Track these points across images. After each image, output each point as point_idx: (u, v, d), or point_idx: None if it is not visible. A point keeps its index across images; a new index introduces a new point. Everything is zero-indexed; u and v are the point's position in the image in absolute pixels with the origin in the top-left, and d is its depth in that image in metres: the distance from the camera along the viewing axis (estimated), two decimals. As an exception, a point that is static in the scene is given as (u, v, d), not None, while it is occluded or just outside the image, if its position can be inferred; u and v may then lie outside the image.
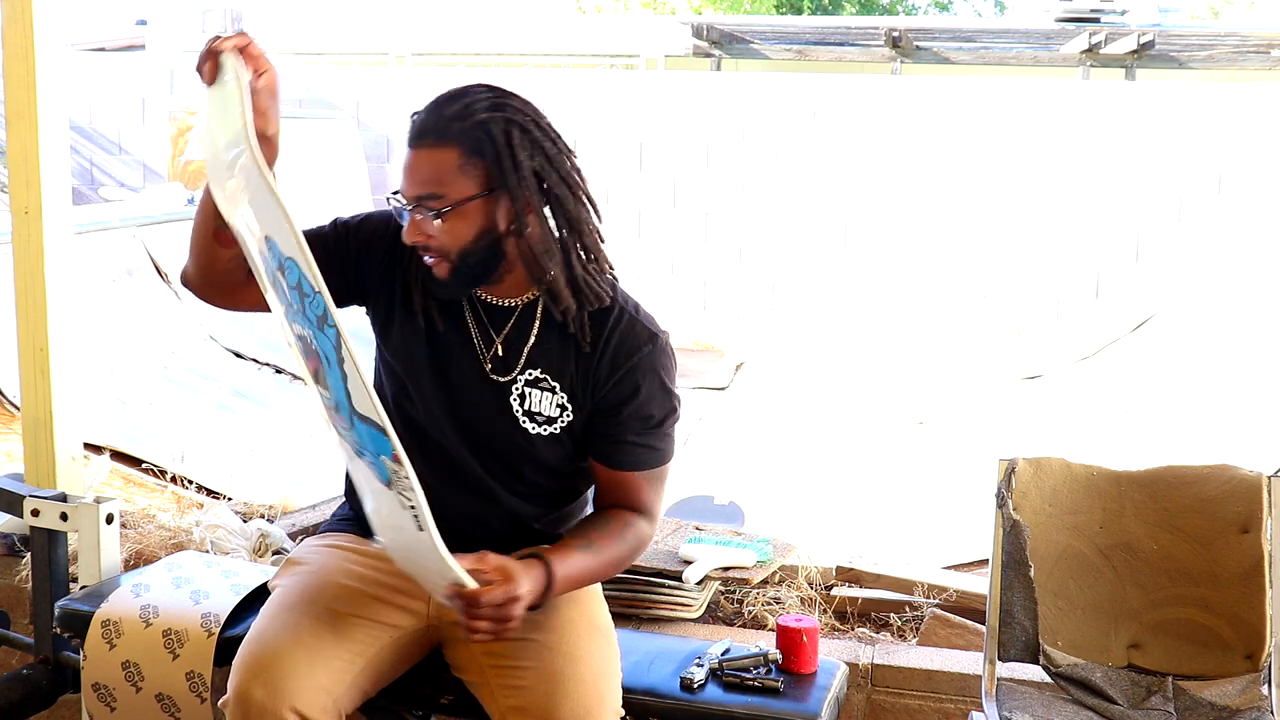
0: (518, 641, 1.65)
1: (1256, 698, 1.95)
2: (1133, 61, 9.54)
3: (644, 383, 1.69)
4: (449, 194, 1.58)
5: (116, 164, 8.37)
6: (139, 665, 1.91)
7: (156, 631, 1.93)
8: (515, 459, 1.73)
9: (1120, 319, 6.77)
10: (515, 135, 1.61)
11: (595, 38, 11.79)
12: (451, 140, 1.59)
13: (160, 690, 1.90)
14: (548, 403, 1.71)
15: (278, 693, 1.57)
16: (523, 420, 1.71)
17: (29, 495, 2.33)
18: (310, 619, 1.66)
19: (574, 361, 1.70)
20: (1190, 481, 2.08)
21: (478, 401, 1.71)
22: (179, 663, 1.90)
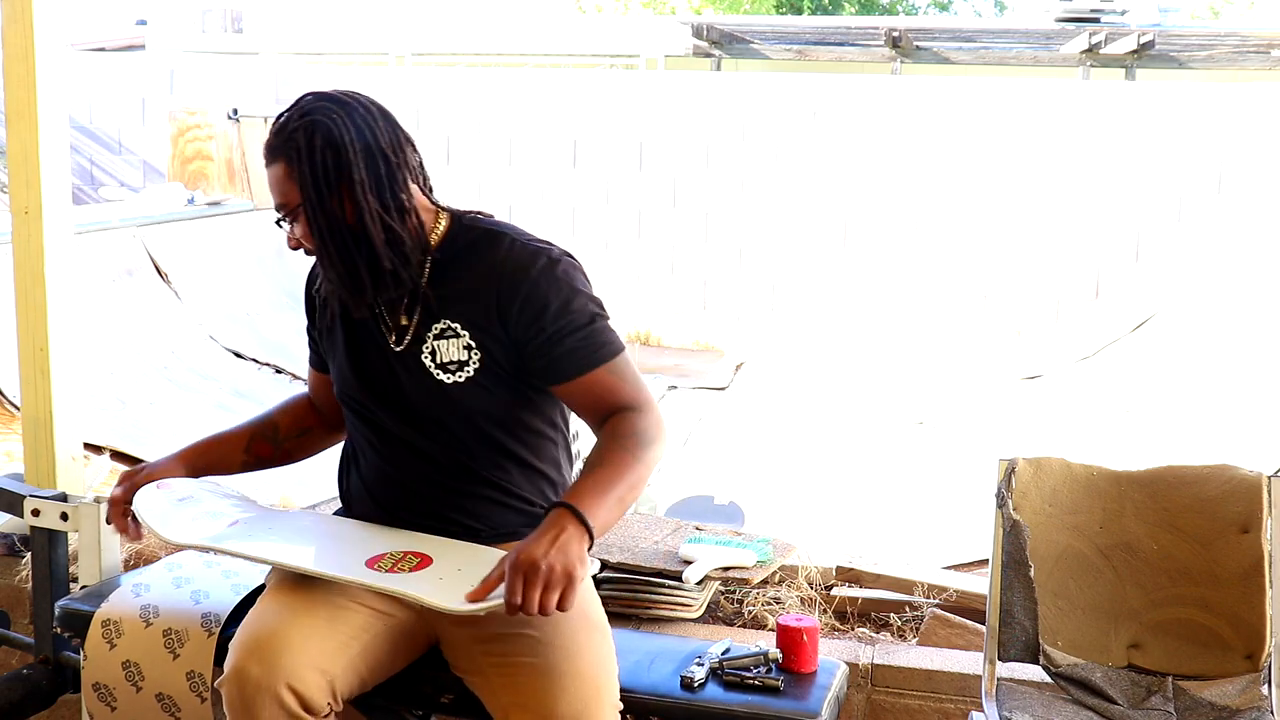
0: (514, 636, 1.67)
1: (1256, 698, 1.95)
2: (1133, 61, 9.54)
3: (550, 293, 1.72)
4: (290, 203, 1.74)
5: (117, 164, 8.37)
6: (139, 665, 1.91)
7: (157, 631, 1.93)
8: (445, 419, 1.77)
9: (1120, 319, 6.77)
10: (317, 137, 1.71)
11: (595, 38, 11.79)
12: (278, 155, 1.74)
13: (160, 690, 1.90)
14: (454, 349, 1.75)
15: (273, 669, 1.59)
16: (438, 375, 1.75)
17: (29, 495, 2.33)
18: (305, 602, 1.69)
19: (471, 299, 1.74)
20: (1190, 481, 2.08)
21: (397, 377, 1.78)
22: (179, 662, 1.90)
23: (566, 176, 7.85)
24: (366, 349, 1.81)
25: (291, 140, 1.72)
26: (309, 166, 1.70)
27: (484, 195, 7.88)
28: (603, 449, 1.70)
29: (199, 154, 7.10)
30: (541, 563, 1.51)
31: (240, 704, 1.61)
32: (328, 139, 1.70)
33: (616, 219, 7.79)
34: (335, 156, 1.70)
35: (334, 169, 1.70)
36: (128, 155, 8.39)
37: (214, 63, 9.04)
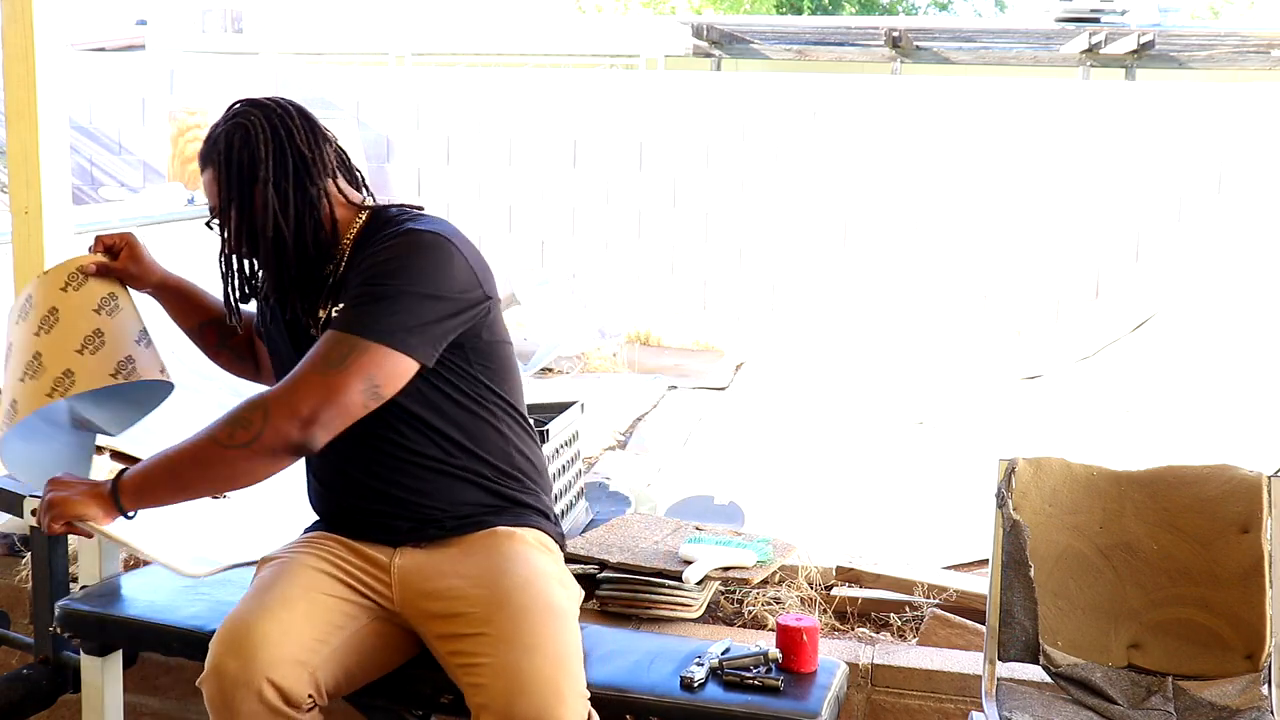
0: (473, 637, 1.66)
1: (1256, 698, 1.95)
2: (1133, 61, 9.54)
3: (379, 254, 1.71)
4: (213, 201, 1.84)
5: (117, 164, 8.37)
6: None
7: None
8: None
9: (1120, 319, 6.76)
10: (235, 139, 1.78)
11: (595, 38, 11.79)
12: (206, 163, 1.83)
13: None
14: None
15: (251, 664, 1.59)
16: None
17: (29, 495, 2.32)
18: (282, 597, 1.70)
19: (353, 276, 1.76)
20: (1190, 481, 2.08)
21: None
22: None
23: (566, 176, 7.84)
24: (301, 345, 1.83)
25: (215, 145, 1.80)
26: (226, 170, 1.78)
27: (484, 195, 7.88)
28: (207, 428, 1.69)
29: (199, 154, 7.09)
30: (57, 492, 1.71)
31: (220, 700, 1.61)
32: (244, 141, 1.77)
33: (616, 219, 7.79)
34: (250, 157, 1.76)
35: (248, 168, 1.77)
36: (128, 155, 8.39)
37: (214, 63, 9.04)
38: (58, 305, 1.90)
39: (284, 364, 1.87)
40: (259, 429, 1.61)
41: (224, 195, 1.80)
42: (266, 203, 1.76)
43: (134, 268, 2.01)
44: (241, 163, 1.77)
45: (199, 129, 7.12)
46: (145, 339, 1.98)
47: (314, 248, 1.79)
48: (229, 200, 1.79)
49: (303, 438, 1.62)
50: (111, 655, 2.22)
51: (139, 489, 1.70)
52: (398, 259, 1.69)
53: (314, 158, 1.79)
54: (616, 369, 6.12)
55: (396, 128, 7.95)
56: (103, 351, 1.89)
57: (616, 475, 3.93)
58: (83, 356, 1.88)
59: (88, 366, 1.87)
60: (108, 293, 1.96)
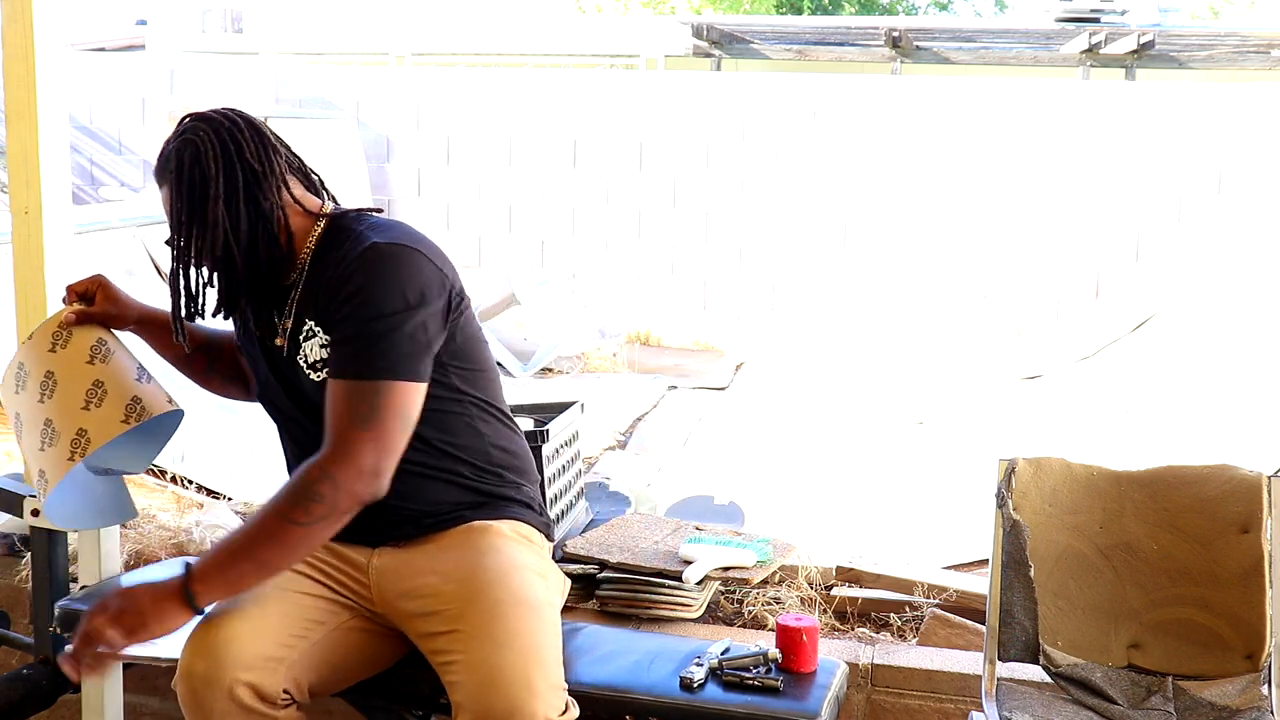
0: (447, 634, 1.67)
1: (1256, 698, 1.95)
2: (1133, 61, 9.54)
3: (346, 282, 1.69)
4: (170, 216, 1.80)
5: (117, 164, 8.37)
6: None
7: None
8: (324, 412, 1.74)
9: (1120, 319, 6.76)
10: (185, 156, 1.76)
11: (595, 38, 11.78)
12: (161, 181, 1.82)
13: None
14: (317, 347, 1.76)
15: (219, 663, 1.60)
16: (309, 374, 1.76)
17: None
18: (254, 596, 1.69)
19: (322, 297, 1.74)
20: (1190, 481, 2.08)
21: (289, 379, 1.80)
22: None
23: (566, 176, 7.84)
24: (271, 357, 1.84)
25: (166, 164, 1.79)
26: (177, 188, 1.77)
27: (484, 195, 7.88)
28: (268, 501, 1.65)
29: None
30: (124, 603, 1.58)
31: (192, 700, 1.62)
32: (194, 158, 1.75)
33: (616, 219, 7.79)
34: (200, 174, 1.75)
35: (199, 185, 1.75)
36: (128, 155, 8.39)
37: (214, 63, 9.04)
38: (51, 368, 1.88)
39: (264, 383, 1.87)
40: (332, 498, 1.61)
41: (176, 213, 1.78)
42: (218, 220, 1.74)
43: (112, 308, 1.96)
44: (193, 180, 1.76)
45: (199, 129, 7.12)
46: (145, 375, 1.95)
47: (266, 263, 1.77)
48: (181, 218, 1.78)
49: (372, 490, 1.65)
50: (111, 655, 2.21)
51: (217, 583, 1.61)
52: (376, 284, 1.66)
53: (264, 170, 1.77)
54: (616, 369, 6.11)
55: (396, 128, 7.95)
56: (108, 401, 1.86)
57: (616, 475, 3.93)
58: (90, 412, 1.85)
59: (98, 420, 1.84)
60: (95, 340, 1.93)
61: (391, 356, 1.65)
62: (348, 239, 1.75)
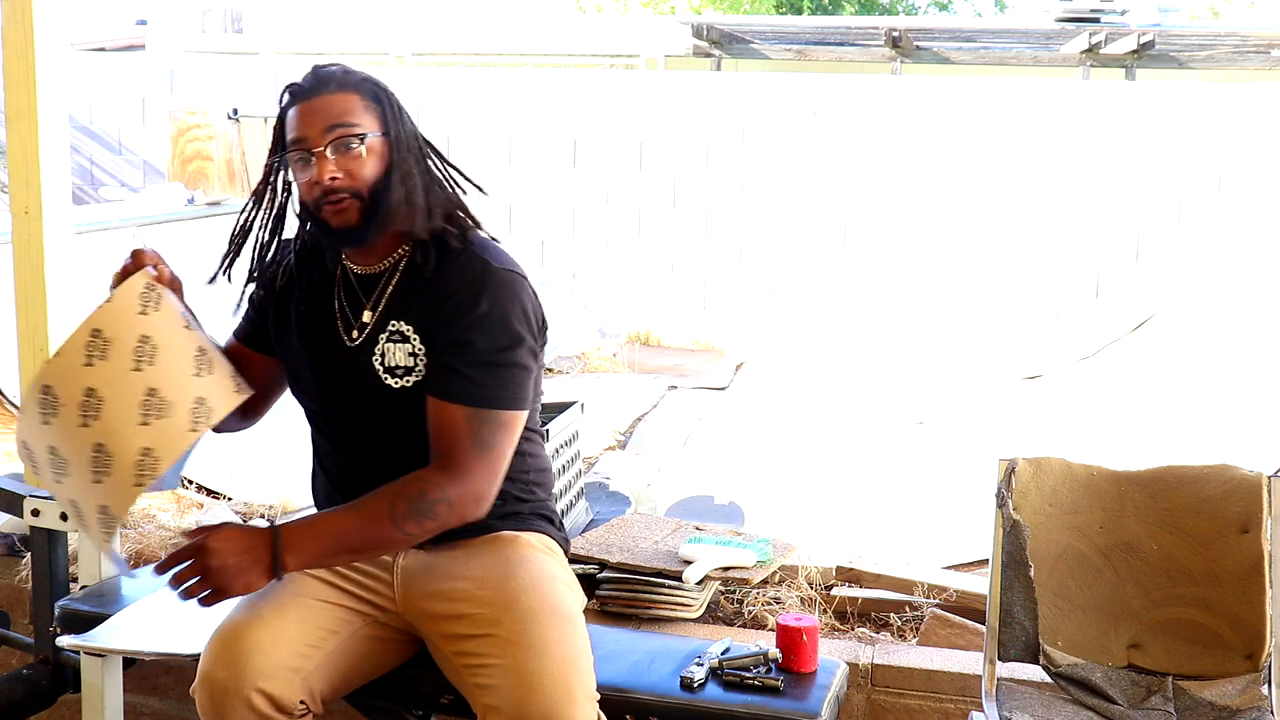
0: (481, 638, 1.67)
1: (1256, 698, 1.95)
2: (1133, 61, 9.54)
3: (472, 306, 1.70)
4: (362, 125, 1.71)
5: (117, 164, 8.37)
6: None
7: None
8: (390, 419, 1.76)
9: (1120, 319, 6.76)
10: (394, 97, 1.80)
11: (595, 38, 11.78)
12: (350, 88, 1.74)
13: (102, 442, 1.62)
14: (402, 353, 1.75)
15: (240, 673, 1.59)
16: (385, 378, 1.74)
17: (29, 495, 2.33)
18: (273, 604, 1.69)
19: (420, 302, 1.74)
20: (1190, 481, 2.08)
21: (348, 372, 1.77)
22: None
23: (566, 176, 7.84)
24: (323, 342, 1.80)
25: (366, 81, 1.76)
26: (389, 106, 1.76)
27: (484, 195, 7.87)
28: (380, 494, 1.66)
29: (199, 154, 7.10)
30: (213, 560, 1.57)
31: (211, 708, 1.62)
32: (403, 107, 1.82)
33: (616, 219, 7.79)
34: (399, 106, 1.80)
35: (400, 111, 1.79)
36: (128, 155, 8.39)
37: (214, 63, 9.04)
38: (148, 332, 1.59)
39: (309, 377, 1.82)
40: (445, 518, 1.67)
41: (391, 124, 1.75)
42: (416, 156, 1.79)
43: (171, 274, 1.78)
44: (395, 105, 1.78)
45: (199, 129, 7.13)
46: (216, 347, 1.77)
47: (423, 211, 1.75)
48: (396, 131, 1.75)
49: (478, 515, 1.71)
50: (111, 656, 2.22)
51: (309, 562, 1.64)
52: (501, 313, 1.69)
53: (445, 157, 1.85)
54: (616, 369, 6.11)
55: (396, 128, 7.94)
56: (217, 367, 1.66)
57: (616, 475, 3.93)
58: (202, 379, 1.62)
59: (213, 388, 1.63)
60: (182, 305, 1.71)
61: (512, 386, 1.71)
62: (451, 253, 1.75)
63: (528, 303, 1.74)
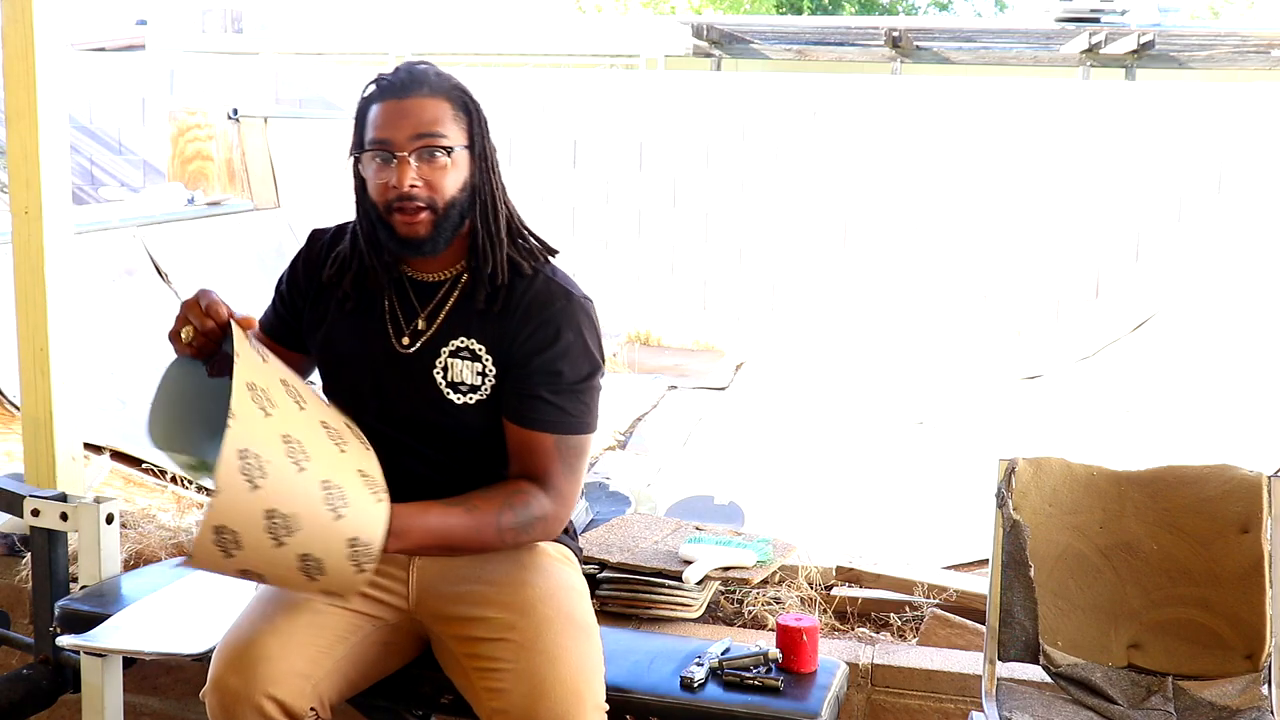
0: (495, 642, 1.67)
1: (1256, 698, 1.95)
2: (1133, 61, 9.54)
3: (556, 336, 1.71)
4: (449, 137, 1.68)
5: (117, 164, 8.37)
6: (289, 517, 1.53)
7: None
8: (443, 433, 1.76)
9: (1120, 319, 6.76)
10: (482, 110, 1.75)
11: (595, 38, 11.78)
12: (442, 94, 1.69)
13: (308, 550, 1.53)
14: (470, 371, 1.73)
15: (252, 680, 1.59)
16: (447, 393, 1.73)
17: (29, 495, 2.33)
18: (285, 609, 1.69)
19: (494, 325, 1.73)
20: (1190, 481, 2.08)
21: (393, 378, 1.75)
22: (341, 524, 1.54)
23: (566, 176, 7.84)
24: (368, 344, 1.78)
25: (458, 89, 1.72)
26: (477, 119, 1.73)
27: (484, 195, 7.87)
28: (487, 500, 1.68)
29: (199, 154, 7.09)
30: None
31: (222, 715, 1.61)
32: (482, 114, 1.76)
33: (616, 219, 7.79)
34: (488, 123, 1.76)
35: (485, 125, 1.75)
36: (128, 155, 8.39)
37: (214, 63, 9.04)
38: (269, 506, 1.49)
39: (340, 383, 1.80)
40: (539, 535, 1.74)
41: (477, 138, 1.73)
42: (495, 170, 1.78)
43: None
44: (483, 119, 1.75)
45: (199, 129, 7.12)
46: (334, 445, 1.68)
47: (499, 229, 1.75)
48: (481, 145, 1.73)
49: (557, 534, 1.80)
50: (112, 655, 2.22)
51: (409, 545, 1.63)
52: (585, 342, 1.73)
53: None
54: (616, 369, 6.11)
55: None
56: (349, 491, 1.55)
57: (616, 475, 3.93)
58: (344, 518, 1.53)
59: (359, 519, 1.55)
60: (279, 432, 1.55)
61: (594, 410, 1.76)
62: (524, 277, 1.75)
63: (599, 327, 1.78)
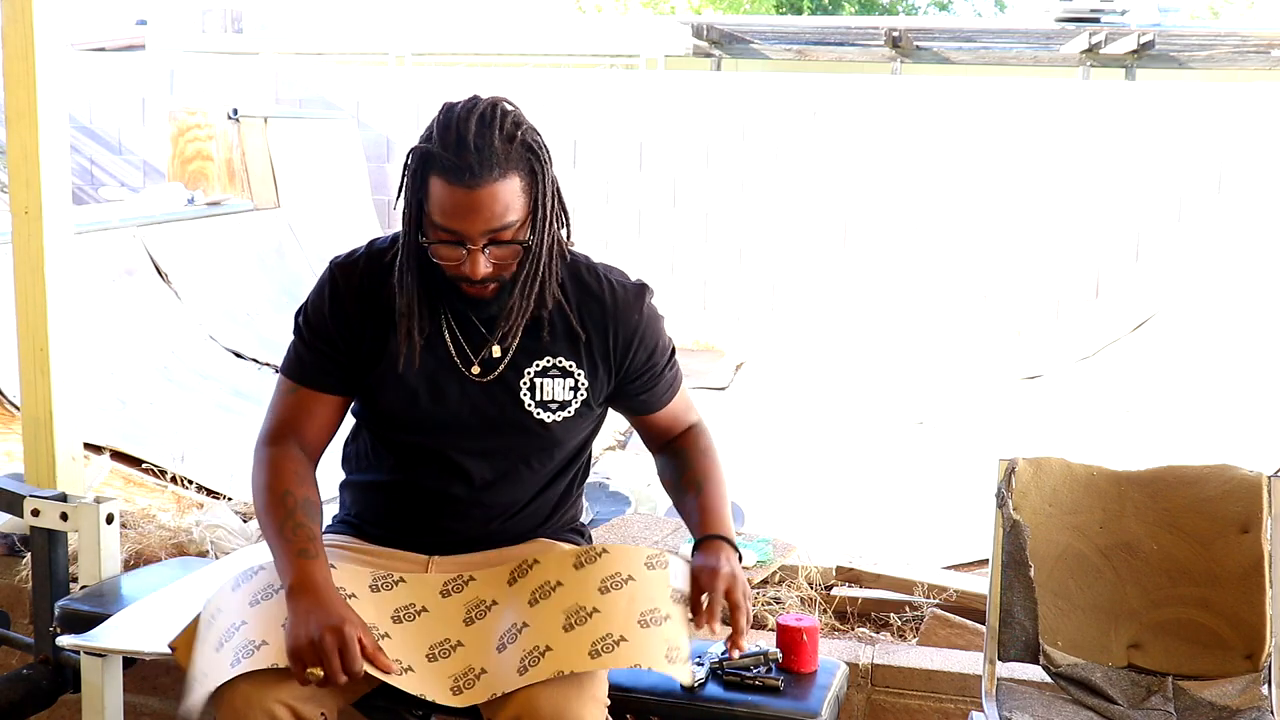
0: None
1: (1256, 698, 1.95)
2: (1133, 61, 9.54)
3: (658, 329, 1.82)
4: (520, 218, 1.61)
5: (117, 164, 8.37)
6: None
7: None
8: (530, 451, 1.77)
9: (1120, 319, 6.76)
10: (543, 150, 1.64)
11: (595, 38, 11.78)
12: (512, 169, 1.58)
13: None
14: (561, 388, 1.74)
15: (264, 685, 1.58)
16: (537, 413, 1.74)
17: (29, 495, 2.32)
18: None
19: (582, 337, 1.75)
20: (1190, 481, 2.07)
21: (468, 404, 1.73)
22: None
23: (566, 176, 7.84)
24: (438, 373, 1.73)
25: (523, 146, 1.60)
26: (542, 173, 1.62)
27: (484, 195, 7.87)
28: (703, 467, 1.83)
29: (199, 154, 7.09)
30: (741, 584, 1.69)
31: (231, 716, 1.61)
32: (548, 149, 1.65)
33: (616, 219, 7.79)
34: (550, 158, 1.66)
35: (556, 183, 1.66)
36: (128, 155, 8.39)
37: (214, 63, 9.03)
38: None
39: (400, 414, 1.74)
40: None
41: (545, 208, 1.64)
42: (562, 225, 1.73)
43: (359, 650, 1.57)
44: (547, 166, 1.65)
45: (199, 129, 7.12)
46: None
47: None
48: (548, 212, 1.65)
49: None
50: (112, 655, 2.22)
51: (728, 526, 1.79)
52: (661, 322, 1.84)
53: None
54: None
55: (396, 128, 7.95)
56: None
57: (616, 475, 3.93)
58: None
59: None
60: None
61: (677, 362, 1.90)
62: (585, 284, 1.77)
63: (642, 285, 1.83)
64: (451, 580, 1.73)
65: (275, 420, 1.77)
